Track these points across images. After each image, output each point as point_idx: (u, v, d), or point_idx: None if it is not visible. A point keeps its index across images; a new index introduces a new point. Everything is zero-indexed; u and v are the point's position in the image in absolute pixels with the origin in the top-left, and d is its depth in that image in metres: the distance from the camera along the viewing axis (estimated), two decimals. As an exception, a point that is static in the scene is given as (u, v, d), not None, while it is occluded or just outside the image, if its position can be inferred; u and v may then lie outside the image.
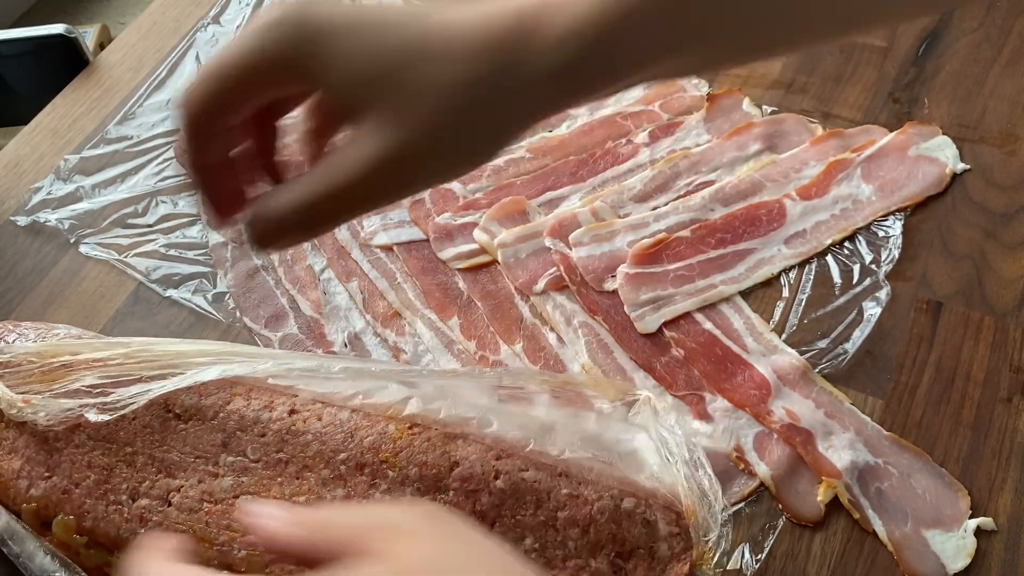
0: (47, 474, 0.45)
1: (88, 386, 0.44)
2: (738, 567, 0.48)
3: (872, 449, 0.51)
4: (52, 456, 0.45)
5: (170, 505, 0.43)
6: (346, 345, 0.59)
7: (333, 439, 0.43)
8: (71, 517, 0.44)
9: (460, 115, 0.33)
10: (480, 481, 0.41)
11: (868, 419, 0.52)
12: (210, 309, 0.61)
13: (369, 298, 0.61)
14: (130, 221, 0.66)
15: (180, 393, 0.45)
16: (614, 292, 0.58)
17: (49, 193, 0.68)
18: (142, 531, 0.43)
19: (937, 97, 0.67)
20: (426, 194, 0.65)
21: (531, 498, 0.41)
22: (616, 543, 0.40)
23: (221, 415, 0.44)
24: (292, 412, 0.44)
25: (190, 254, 0.64)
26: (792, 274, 0.59)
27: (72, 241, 0.65)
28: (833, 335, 0.56)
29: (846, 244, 0.60)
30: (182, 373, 0.43)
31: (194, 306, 0.61)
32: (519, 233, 0.61)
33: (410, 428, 0.43)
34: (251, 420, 0.44)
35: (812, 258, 0.60)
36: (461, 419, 0.43)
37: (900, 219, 0.61)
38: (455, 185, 0.65)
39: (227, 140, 0.37)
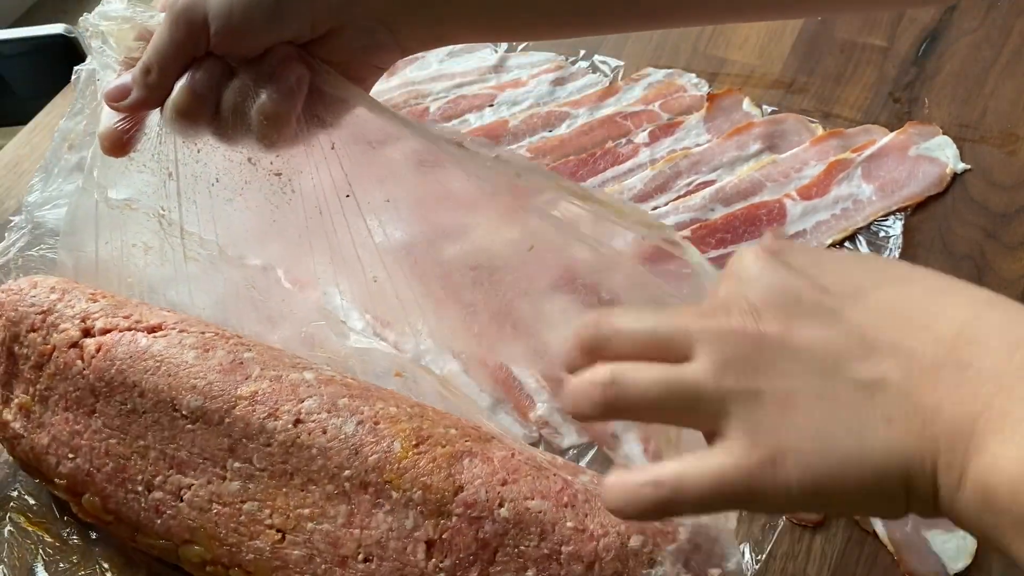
0: (71, 455, 0.46)
1: None
2: (739, 567, 0.48)
3: (872, 449, 0.51)
4: (74, 438, 0.46)
5: (182, 501, 0.44)
6: (346, 345, 0.59)
7: (338, 455, 0.42)
8: (97, 498, 0.45)
9: None
10: (484, 508, 0.40)
11: (868, 419, 0.52)
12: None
13: (369, 298, 0.61)
14: (130, 221, 0.66)
15: (185, 393, 0.45)
16: (614, 292, 0.58)
17: (49, 193, 0.68)
18: (158, 521, 0.44)
19: (937, 97, 0.67)
20: (426, 194, 0.65)
21: (535, 529, 0.40)
22: None
23: (227, 420, 0.44)
24: (297, 422, 0.43)
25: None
26: (792, 274, 0.59)
27: (72, 241, 0.65)
28: (833, 335, 0.56)
29: (846, 244, 0.60)
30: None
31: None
32: (519, 233, 0.61)
33: (416, 446, 0.42)
34: (256, 428, 0.44)
35: (812, 258, 0.60)
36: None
37: (900, 219, 0.61)
38: (455, 185, 0.65)
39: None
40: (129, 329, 0.48)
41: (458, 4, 0.41)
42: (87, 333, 0.48)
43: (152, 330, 0.48)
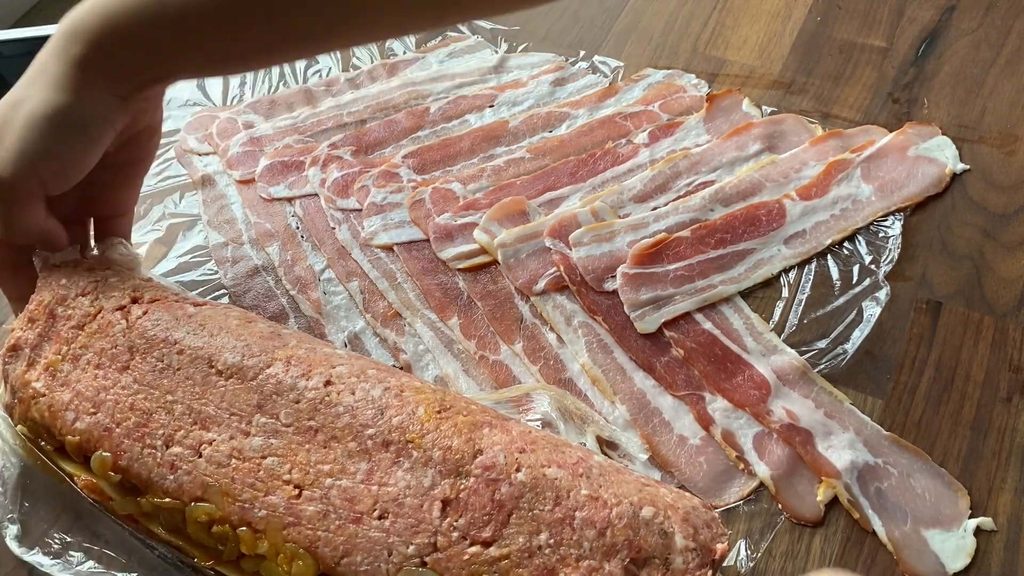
0: (92, 410, 0.47)
1: None
2: (733, 563, 0.48)
3: (872, 449, 0.51)
4: (99, 394, 0.47)
5: (200, 457, 0.45)
6: (346, 345, 0.59)
7: (363, 414, 0.44)
8: (108, 454, 0.46)
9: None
10: (502, 471, 0.42)
11: (868, 419, 0.52)
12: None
13: (369, 298, 0.61)
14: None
15: (224, 351, 0.46)
16: (614, 292, 0.58)
17: (49, 193, 0.68)
18: (171, 477, 0.45)
19: (936, 97, 0.67)
20: (426, 194, 0.65)
21: (550, 494, 0.41)
22: (632, 549, 0.40)
23: (260, 377, 0.45)
24: (327, 383, 0.45)
25: (189, 256, 0.64)
26: (792, 274, 0.59)
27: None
28: (833, 335, 0.56)
29: (846, 244, 0.60)
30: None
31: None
32: (519, 233, 0.61)
33: (438, 412, 0.44)
34: (288, 386, 0.45)
35: (812, 258, 0.60)
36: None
37: (900, 219, 0.61)
38: (455, 185, 0.65)
39: None
40: (177, 301, 0.50)
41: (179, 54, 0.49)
42: (136, 301, 0.50)
43: (198, 304, 0.50)
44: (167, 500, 0.45)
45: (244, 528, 0.43)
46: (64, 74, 0.47)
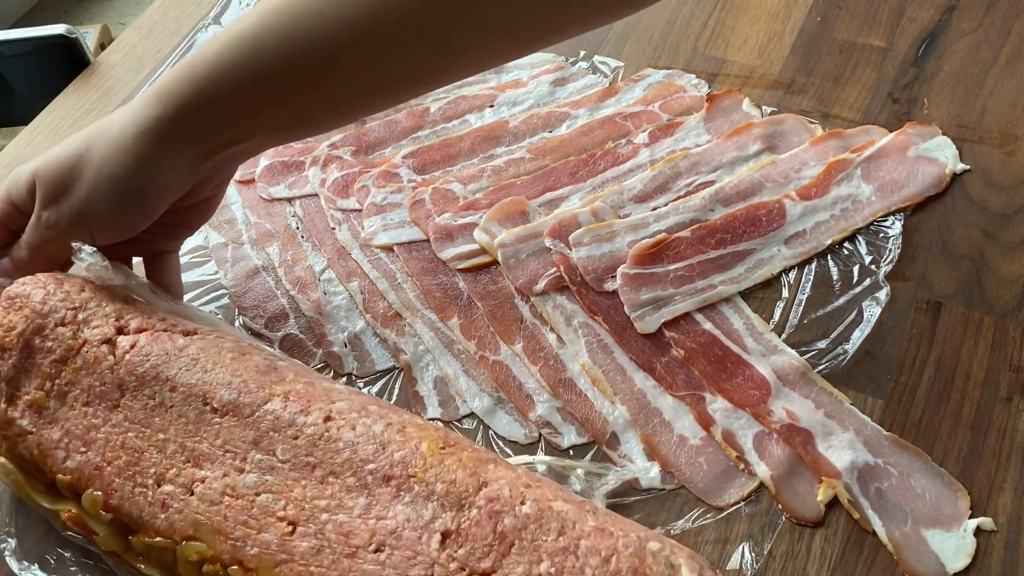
0: (83, 449, 0.45)
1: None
2: (738, 567, 0.48)
3: (872, 449, 0.51)
4: (89, 432, 0.46)
5: (192, 495, 0.43)
6: (346, 345, 0.59)
7: (364, 449, 0.42)
8: (99, 493, 0.45)
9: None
10: (506, 503, 0.40)
11: (868, 419, 0.52)
12: (213, 310, 0.61)
13: (369, 298, 0.61)
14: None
15: (219, 388, 0.45)
16: (614, 292, 0.58)
17: (49, 193, 0.68)
18: (162, 516, 0.44)
19: (936, 97, 0.67)
20: (426, 194, 0.65)
21: (555, 525, 0.40)
22: None
23: (257, 414, 0.44)
24: (327, 419, 0.44)
25: (189, 256, 0.64)
26: (792, 274, 0.59)
27: (72, 241, 0.65)
28: (833, 335, 0.56)
29: (846, 244, 0.60)
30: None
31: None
32: (519, 233, 0.61)
33: (442, 448, 0.43)
34: (286, 422, 0.44)
35: (812, 258, 0.60)
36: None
37: (900, 219, 0.61)
38: (455, 185, 0.65)
39: None
40: (165, 331, 0.48)
41: (254, 129, 0.49)
42: (121, 331, 0.48)
43: (188, 333, 0.48)
44: (158, 539, 0.44)
45: (236, 567, 0.42)
46: (137, 136, 0.47)
